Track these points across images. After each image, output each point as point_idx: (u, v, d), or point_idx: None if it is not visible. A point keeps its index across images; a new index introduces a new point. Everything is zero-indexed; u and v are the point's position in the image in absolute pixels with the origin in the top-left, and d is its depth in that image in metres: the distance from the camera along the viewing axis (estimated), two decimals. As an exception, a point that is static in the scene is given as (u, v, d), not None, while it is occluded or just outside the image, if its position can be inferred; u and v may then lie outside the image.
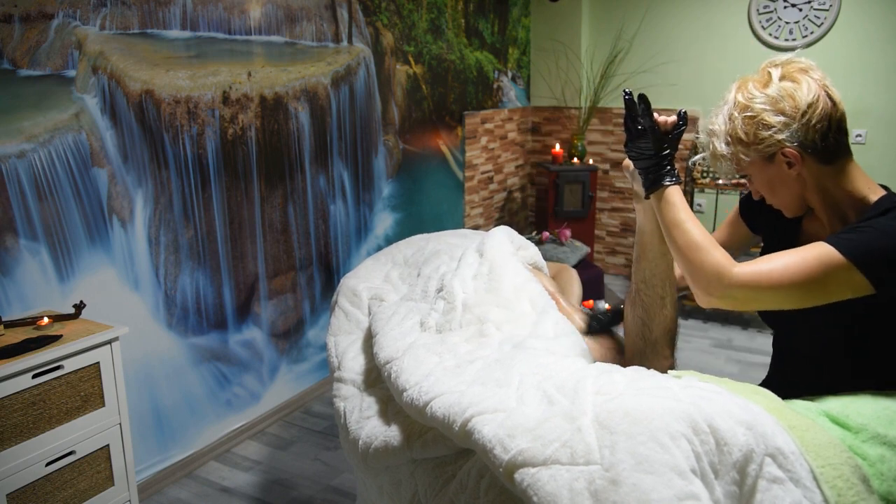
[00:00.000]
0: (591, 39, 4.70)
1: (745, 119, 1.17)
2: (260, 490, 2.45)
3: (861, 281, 1.05)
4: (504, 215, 4.86)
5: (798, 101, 1.14)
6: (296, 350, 3.02)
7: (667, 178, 1.19)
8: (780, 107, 1.15)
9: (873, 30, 3.82)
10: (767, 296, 1.08)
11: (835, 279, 1.06)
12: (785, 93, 1.15)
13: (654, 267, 1.31)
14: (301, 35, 2.86)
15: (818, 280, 1.06)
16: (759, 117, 1.16)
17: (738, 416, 0.94)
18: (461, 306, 1.44)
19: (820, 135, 1.14)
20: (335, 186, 3.15)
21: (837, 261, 1.05)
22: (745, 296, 1.09)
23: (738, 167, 1.23)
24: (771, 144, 1.16)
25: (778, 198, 1.25)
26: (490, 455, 0.96)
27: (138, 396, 2.33)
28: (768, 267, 1.08)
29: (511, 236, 1.73)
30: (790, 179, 1.20)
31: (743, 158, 1.20)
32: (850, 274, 1.05)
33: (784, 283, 1.07)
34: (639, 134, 1.21)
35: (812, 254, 1.07)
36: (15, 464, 1.69)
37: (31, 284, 1.99)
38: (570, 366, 1.15)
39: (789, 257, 1.08)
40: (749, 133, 1.17)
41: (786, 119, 1.14)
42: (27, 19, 1.93)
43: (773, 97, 1.15)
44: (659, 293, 1.32)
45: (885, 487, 0.99)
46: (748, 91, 1.19)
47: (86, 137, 2.10)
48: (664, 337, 1.35)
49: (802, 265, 1.06)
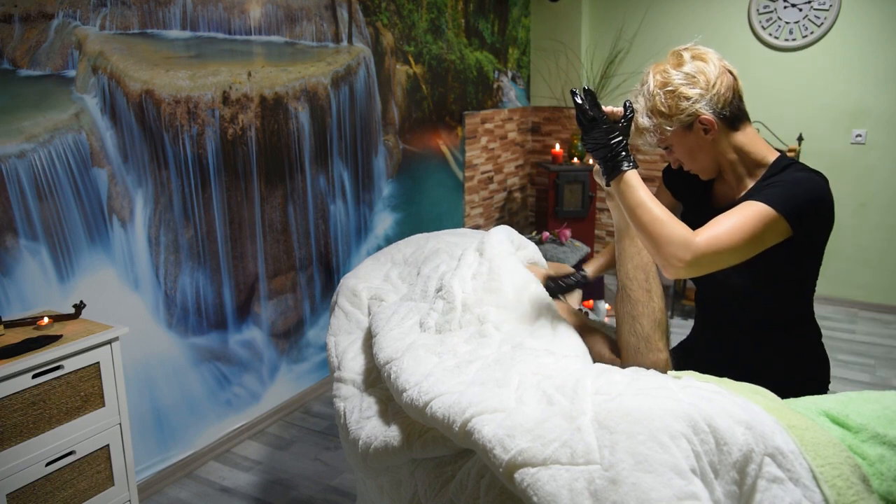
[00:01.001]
0: (591, 39, 4.70)
1: (666, 94, 1.35)
2: (260, 490, 2.45)
3: (785, 227, 1.24)
4: (504, 215, 4.86)
5: (709, 76, 1.34)
6: (296, 350, 3.02)
7: (623, 163, 1.25)
8: (695, 80, 1.34)
9: (873, 30, 3.82)
10: (725, 257, 1.21)
11: (768, 230, 1.23)
12: (698, 69, 1.34)
13: (636, 260, 1.39)
14: (301, 35, 2.86)
15: (758, 234, 1.22)
16: (678, 91, 1.34)
17: (738, 415, 0.94)
18: (461, 306, 1.44)
19: (727, 102, 1.35)
20: (335, 186, 3.15)
21: (770, 214, 1.23)
22: (710, 260, 1.20)
23: (660, 138, 1.40)
24: (690, 114, 1.34)
25: (697, 162, 1.42)
26: (490, 455, 0.96)
27: (138, 396, 2.33)
28: (723, 230, 1.21)
29: (511, 235, 1.73)
30: (707, 144, 1.38)
31: (666, 129, 1.37)
32: (778, 223, 1.23)
33: (736, 242, 1.21)
34: (590, 125, 1.27)
35: (749, 212, 1.23)
36: (15, 464, 1.69)
37: (31, 284, 1.99)
38: (570, 366, 1.15)
39: (733, 219, 1.23)
40: (671, 105, 1.34)
41: (700, 90, 1.33)
42: (27, 19, 1.93)
43: (689, 73, 1.34)
44: (644, 286, 1.38)
45: (884, 487, 0.99)
46: (665, 71, 1.37)
47: (86, 137, 2.10)
48: (655, 330, 1.38)
49: (747, 223, 1.22)
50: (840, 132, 4.02)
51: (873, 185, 3.97)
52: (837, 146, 4.03)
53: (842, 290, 4.23)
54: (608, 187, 1.30)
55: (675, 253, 1.19)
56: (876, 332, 3.87)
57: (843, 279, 4.21)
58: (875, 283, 4.13)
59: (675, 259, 1.19)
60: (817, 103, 4.03)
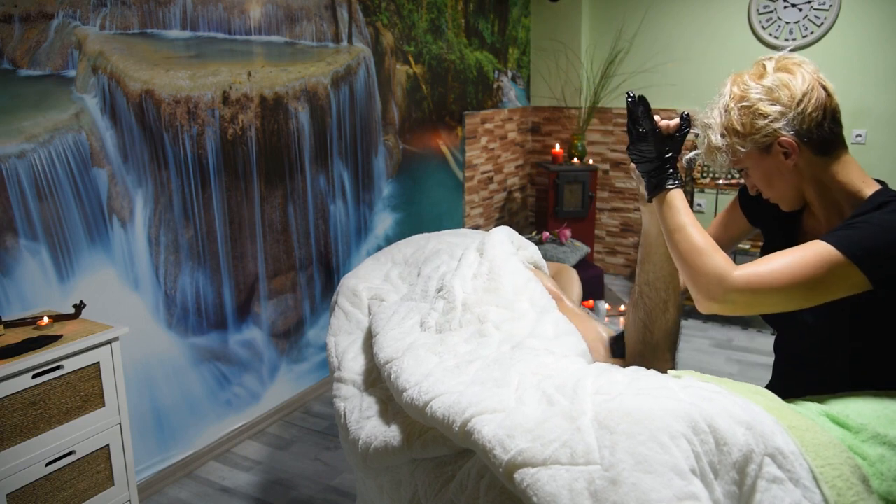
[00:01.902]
0: (591, 39, 4.70)
1: (741, 109, 1.18)
2: (260, 490, 2.45)
3: (860, 278, 1.05)
4: (504, 215, 4.86)
5: (793, 91, 1.15)
6: (296, 350, 3.02)
7: (669, 181, 1.18)
8: (775, 96, 1.15)
9: (873, 30, 3.82)
10: (767, 298, 1.08)
11: (834, 278, 1.05)
12: (780, 83, 1.16)
13: (658, 270, 1.31)
14: (301, 35, 2.86)
15: (818, 279, 1.05)
16: (755, 107, 1.16)
17: (738, 416, 0.94)
18: (461, 306, 1.44)
19: (815, 124, 1.15)
20: (335, 186, 3.15)
21: (836, 259, 1.05)
22: (746, 299, 1.08)
23: (734, 160, 1.22)
24: (767, 134, 1.16)
25: (775, 190, 1.24)
26: (490, 455, 0.96)
27: (138, 396, 2.33)
28: (767, 269, 1.07)
29: (511, 236, 1.73)
30: (787, 170, 1.19)
31: (739, 150, 1.20)
32: (848, 271, 1.05)
33: (783, 284, 1.06)
34: (639, 137, 1.21)
35: (810, 253, 1.06)
36: (15, 464, 1.69)
37: (31, 284, 1.99)
38: (570, 366, 1.15)
39: (787, 258, 1.07)
40: (745, 123, 1.17)
41: (782, 108, 1.15)
42: (27, 19, 1.93)
43: (769, 87, 1.16)
44: (662, 297, 1.31)
45: (884, 487, 0.98)
46: (744, 83, 1.19)
47: (86, 137, 2.10)
48: (665, 340, 1.34)
49: (801, 265, 1.06)
50: (840, 132, 4.02)
51: (873, 185, 3.97)
52: (837, 146, 4.03)
53: (842, 290, 4.23)
54: (649, 202, 1.23)
55: (708, 286, 1.09)
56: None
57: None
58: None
59: (706, 293, 1.09)
60: (817, 103, 4.03)
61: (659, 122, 1.22)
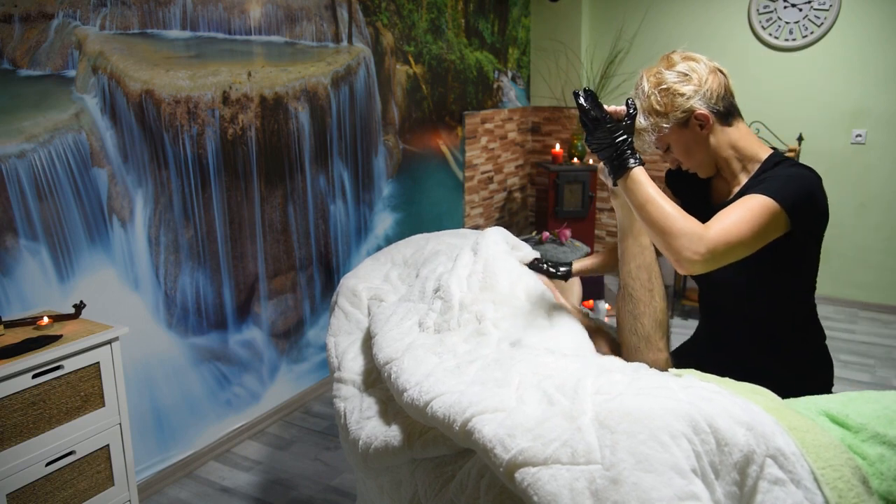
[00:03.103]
0: (591, 39, 4.70)
1: (661, 92, 1.38)
2: (260, 490, 2.45)
3: (784, 220, 1.26)
4: (504, 215, 4.86)
5: (700, 73, 1.38)
6: (296, 350, 3.02)
7: (629, 160, 1.25)
8: (687, 78, 1.38)
9: (873, 30, 3.82)
10: (737, 249, 1.21)
11: (772, 224, 1.24)
12: (689, 68, 1.39)
13: (639, 260, 1.41)
14: (301, 35, 2.86)
15: (763, 226, 1.23)
16: (672, 88, 1.38)
17: (739, 416, 0.94)
18: (458, 305, 1.44)
19: (719, 98, 1.38)
20: (335, 186, 3.15)
21: (773, 206, 1.24)
22: (723, 252, 1.19)
23: (658, 138, 1.43)
24: (685, 110, 1.38)
25: (694, 159, 1.45)
26: (490, 455, 0.96)
27: (138, 396, 2.33)
28: (728, 223, 1.21)
29: (505, 236, 1.73)
30: (702, 140, 1.41)
31: (663, 127, 1.40)
32: (779, 216, 1.25)
33: (744, 234, 1.21)
34: (594, 126, 1.27)
35: (754, 204, 1.24)
36: (15, 464, 1.69)
37: (31, 284, 1.99)
38: (570, 365, 1.15)
39: (738, 212, 1.23)
40: (666, 104, 1.38)
41: (694, 87, 1.37)
42: (27, 19, 1.93)
43: (682, 72, 1.39)
44: (646, 285, 1.40)
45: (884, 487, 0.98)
46: (658, 72, 1.41)
47: (86, 137, 2.09)
48: (656, 330, 1.39)
49: (752, 216, 1.23)
50: (840, 132, 4.02)
51: (873, 185, 3.97)
52: (837, 146, 4.03)
53: (842, 290, 4.23)
54: (615, 186, 1.30)
55: (689, 246, 1.18)
56: (876, 332, 3.87)
57: (843, 279, 4.21)
58: (875, 283, 4.13)
59: (689, 252, 1.18)
60: (817, 103, 4.03)
61: (608, 109, 1.30)
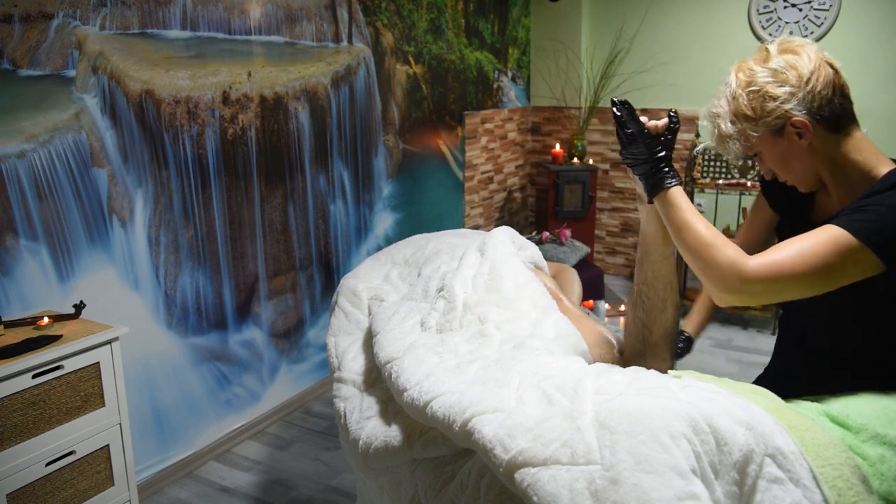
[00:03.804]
0: (591, 39, 4.70)
1: (749, 94, 1.17)
2: (260, 490, 2.45)
3: (873, 261, 1.05)
4: (504, 215, 4.86)
5: (801, 70, 1.15)
6: (296, 350, 3.02)
7: (667, 180, 1.18)
8: (783, 77, 1.15)
9: (873, 30, 3.82)
10: (784, 286, 1.07)
11: (847, 262, 1.05)
12: (787, 64, 1.16)
13: (656, 269, 1.32)
14: (301, 35, 2.86)
15: (832, 265, 1.05)
16: (764, 90, 1.16)
17: (738, 416, 0.94)
18: (462, 306, 1.44)
19: (826, 101, 1.15)
20: (335, 186, 3.15)
21: (850, 243, 1.04)
22: (763, 288, 1.07)
23: (746, 146, 1.22)
24: (779, 116, 1.16)
25: (791, 172, 1.24)
26: (490, 455, 0.96)
27: (138, 396, 2.33)
28: (782, 256, 1.07)
29: (512, 236, 1.73)
30: (801, 151, 1.19)
31: (752, 135, 1.19)
32: (862, 255, 1.04)
33: (798, 271, 1.05)
34: (630, 140, 1.20)
35: (823, 239, 1.06)
36: (15, 464, 1.69)
37: (31, 284, 1.99)
38: (570, 366, 1.15)
39: (800, 244, 1.07)
40: (756, 108, 1.17)
41: (791, 88, 1.15)
42: (27, 19, 1.93)
43: (776, 69, 1.16)
44: (661, 296, 1.32)
45: (885, 487, 0.99)
46: (748, 68, 1.19)
47: (86, 137, 2.09)
48: (664, 340, 1.35)
49: (815, 251, 1.05)
50: (840, 132, 4.02)
51: (873, 185, 3.96)
52: (837, 146, 4.03)
53: (842, 290, 4.22)
54: (650, 203, 1.23)
55: (724, 279, 1.08)
56: (876, 332, 3.86)
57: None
58: (875, 283, 4.13)
59: (723, 285, 1.08)
60: (817, 103, 4.03)
61: (647, 123, 1.21)
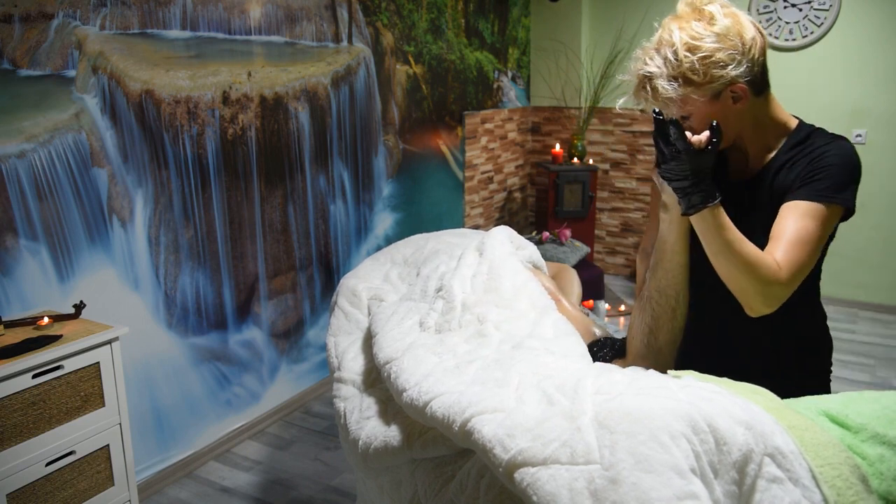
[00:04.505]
0: (591, 39, 4.70)
1: (699, 61, 1.14)
2: (260, 490, 2.45)
3: (840, 212, 1.18)
4: (504, 215, 4.86)
5: (745, 37, 1.15)
6: (296, 350, 3.02)
7: (709, 199, 1.13)
8: (731, 44, 1.14)
9: (873, 30, 3.82)
10: (803, 274, 1.15)
11: (829, 226, 1.17)
12: (734, 30, 1.14)
13: (671, 277, 1.29)
14: (301, 35, 2.86)
15: (822, 236, 1.16)
16: (713, 57, 1.14)
17: (738, 415, 0.94)
18: (460, 306, 1.44)
19: (759, 66, 1.18)
20: (335, 186, 3.15)
21: (826, 211, 1.15)
22: (791, 289, 1.15)
23: (681, 108, 1.20)
24: (724, 82, 1.16)
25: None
26: (490, 455, 0.96)
27: (138, 396, 2.33)
28: (796, 253, 1.14)
29: (511, 236, 1.73)
30: (733, 113, 1.21)
31: (695, 101, 1.18)
32: (835, 214, 1.17)
33: (810, 258, 1.14)
34: (673, 156, 1.14)
35: (808, 219, 1.15)
36: (15, 464, 1.69)
37: (31, 284, 1.99)
38: (570, 366, 1.15)
39: (796, 234, 1.14)
40: (704, 72, 1.15)
41: (737, 55, 1.15)
42: (27, 19, 1.93)
43: (721, 34, 1.14)
44: (671, 304, 1.30)
45: (884, 487, 0.98)
46: (693, 30, 1.15)
47: (86, 137, 2.10)
48: (668, 346, 1.33)
49: (812, 234, 1.14)
50: (840, 132, 4.00)
51: (873, 185, 3.97)
52: (837, 146, 4.03)
53: (842, 290, 4.23)
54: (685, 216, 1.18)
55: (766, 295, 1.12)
56: (876, 332, 3.87)
57: (843, 279, 4.20)
58: (875, 283, 4.13)
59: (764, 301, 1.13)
60: (817, 103, 4.03)
61: (690, 138, 1.15)
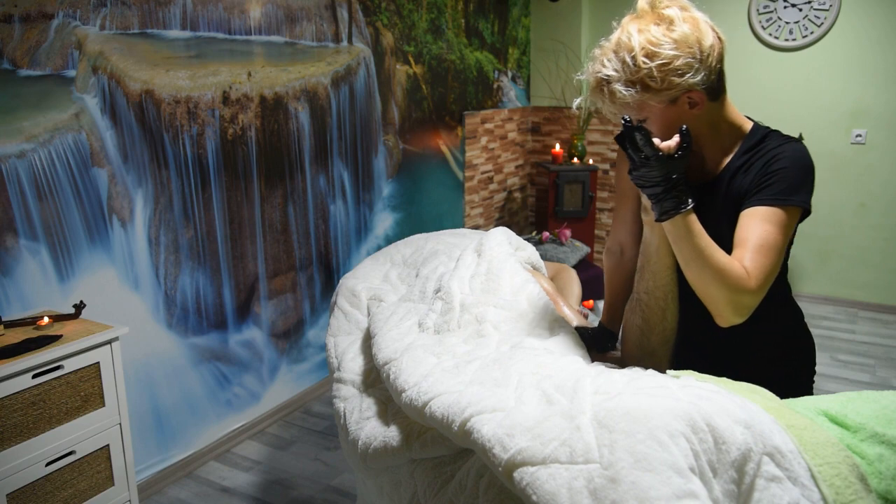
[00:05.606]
0: (591, 39, 4.70)
1: (658, 68, 1.12)
2: (260, 490, 2.45)
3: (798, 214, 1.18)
4: (504, 215, 4.86)
5: (703, 45, 1.13)
6: (296, 350, 3.02)
7: (681, 205, 1.12)
8: (690, 51, 1.12)
9: (873, 30, 3.82)
10: (770, 281, 1.15)
11: (790, 229, 1.18)
12: (693, 37, 1.13)
13: (658, 279, 1.30)
14: (301, 35, 2.86)
15: (785, 240, 1.17)
16: (672, 64, 1.12)
17: (737, 414, 0.94)
18: (459, 307, 1.44)
19: (716, 73, 1.17)
20: (335, 186, 3.15)
21: (785, 216, 1.16)
22: (760, 297, 1.14)
23: (638, 112, 1.19)
24: (682, 90, 1.14)
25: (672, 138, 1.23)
26: (489, 454, 0.96)
27: (138, 396, 2.34)
28: (762, 260, 1.14)
29: (509, 237, 1.73)
30: (689, 118, 1.19)
31: (652, 105, 1.17)
32: (794, 216, 1.17)
33: (775, 264, 1.15)
34: (642, 163, 1.13)
35: (769, 225, 1.15)
36: (15, 464, 1.69)
37: (31, 284, 1.99)
38: (569, 365, 1.15)
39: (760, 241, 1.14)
40: (662, 79, 1.13)
41: (695, 63, 1.13)
42: (27, 19, 1.93)
43: (680, 41, 1.12)
44: (661, 305, 1.31)
45: (883, 486, 0.98)
46: (652, 35, 1.13)
47: (86, 137, 2.10)
48: (662, 347, 1.34)
49: (776, 239, 1.15)
50: (840, 132, 4.02)
51: (873, 185, 3.97)
52: (837, 146, 4.03)
53: (842, 290, 4.23)
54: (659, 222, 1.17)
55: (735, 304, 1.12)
56: (876, 332, 3.87)
57: (843, 279, 4.20)
58: (875, 283, 4.13)
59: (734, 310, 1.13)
60: (817, 103, 4.03)
61: (659, 144, 1.14)
